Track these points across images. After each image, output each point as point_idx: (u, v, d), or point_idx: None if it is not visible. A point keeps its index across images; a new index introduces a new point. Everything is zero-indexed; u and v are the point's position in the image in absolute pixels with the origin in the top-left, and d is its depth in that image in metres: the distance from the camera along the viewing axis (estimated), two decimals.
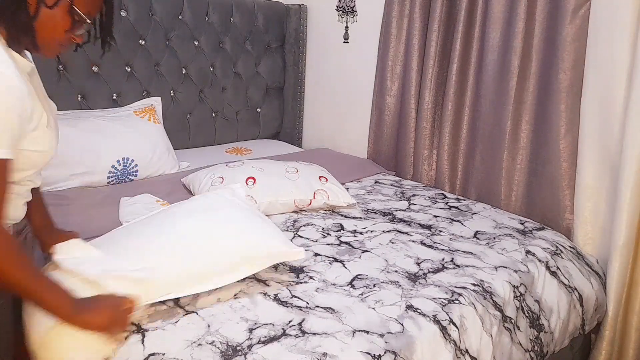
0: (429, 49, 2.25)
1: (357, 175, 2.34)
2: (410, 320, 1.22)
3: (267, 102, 2.93)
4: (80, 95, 2.20)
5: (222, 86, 2.69)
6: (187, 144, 2.60)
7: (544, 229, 1.84)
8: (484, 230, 1.78)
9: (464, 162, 2.25)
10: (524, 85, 1.99)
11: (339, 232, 1.69)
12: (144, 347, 1.06)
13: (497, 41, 2.03)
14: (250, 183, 1.80)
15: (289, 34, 2.89)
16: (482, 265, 1.52)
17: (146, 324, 1.13)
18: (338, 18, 2.69)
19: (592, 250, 1.84)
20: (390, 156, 2.55)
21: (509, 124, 2.02)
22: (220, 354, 1.05)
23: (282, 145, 2.87)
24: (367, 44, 2.57)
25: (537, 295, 1.52)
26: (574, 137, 1.85)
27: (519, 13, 1.93)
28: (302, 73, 2.95)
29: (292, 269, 1.42)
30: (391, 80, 2.45)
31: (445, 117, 2.24)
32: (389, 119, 2.50)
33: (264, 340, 1.10)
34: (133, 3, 2.25)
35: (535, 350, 1.47)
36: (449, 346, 1.21)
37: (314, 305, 1.25)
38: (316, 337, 1.12)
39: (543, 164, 1.96)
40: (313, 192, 1.85)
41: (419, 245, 1.63)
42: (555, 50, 1.85)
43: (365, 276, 1.41)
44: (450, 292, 1.35)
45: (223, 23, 2.61)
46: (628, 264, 1.71)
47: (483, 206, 2.03)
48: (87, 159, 1.92)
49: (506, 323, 1.39)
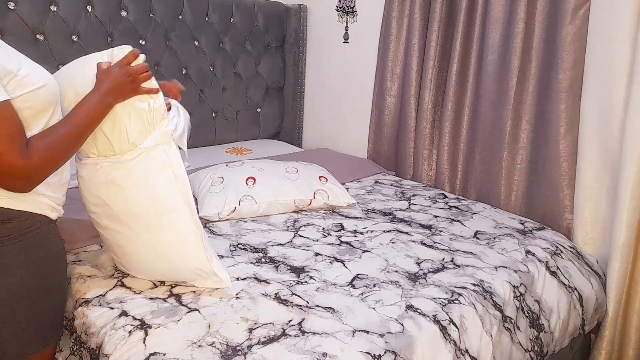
0: (429, 49, 2.25)
1: (357, 175, 2.34)
2: (410, 320, 1.22)
3: (267, 102, 2.93)
4: None
5: (222, 86, 2.70)
6: (187, 143, 2.60)
7: (544, 229, 1.84)
8: (484, 230, 1.78)
9: (464, 162, 2.25)
10: (524, 85, 1.99)
11: (340, 232, 1.70)
12: (145, 347, 1.07)
13: (497, 41, 2.03)
14: (250, 183, 1.80)
15: (289, 34, 2.89)
16: (482, 265, 1.52)
17: (150, 320, 1.14)
18: (338, 18, 2.69)
19: (592, 250, 1.84)
20: (390, 156, 2.55)
21: (509, 124, 2.02)
22: (220, 354, 1.05)
23: (282, 145, 2.88)
24: (367, 44, 2.57)
25: (537, 295, 1.52)
26: (574, 137, 1.85)
27: (519, 13, 1.93)
28: (302, 73, 2.95)
29: (292, 269, 1.42)
30: (391, 80, 2.45)
31: (445, 117, 2.24)
32: (389, 119, 2.50)
33: (264, 340, 1.10)
34: (133, 3, 2.26)
35: (535, 350, 1.47)
36: (449, 346, 1.21)
37: (314, 305, 1.25)
38: (316, 337, 1.12)
39: (543, 164, 1.96)
40: (313, 192, 1.85)
41: (419, 245, 1.63)
42: (555, 50, 1.85)
43: (366, 276, 1.41)
44: (450, 292, 1.35)
45: (223, 23, 2.61)
46: (628, 264, 1.71)
47: (483, 206, 2.03)
48: None
49: (506, 323, 1.39)
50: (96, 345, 1.13)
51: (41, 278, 1.09)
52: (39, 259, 1.08)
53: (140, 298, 1.24)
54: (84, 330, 1.19)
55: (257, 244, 1.57)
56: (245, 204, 1.74)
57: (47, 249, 1.10)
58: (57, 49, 2.04)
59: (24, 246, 1.05)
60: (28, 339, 1.10)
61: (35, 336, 1.11)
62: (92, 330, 1.16)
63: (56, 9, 2.04)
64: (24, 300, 1.06)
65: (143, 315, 1.16)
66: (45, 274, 1.10)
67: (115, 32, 2.22)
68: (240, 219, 1.75)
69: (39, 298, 1.09)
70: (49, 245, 1.11)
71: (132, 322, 1.14)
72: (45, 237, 1.10)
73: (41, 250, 1.08)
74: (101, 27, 2.17)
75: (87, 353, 1.16)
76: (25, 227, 1.05)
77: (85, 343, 1.18)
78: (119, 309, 1.19)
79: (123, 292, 1.26)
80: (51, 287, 1.13)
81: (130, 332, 1.11)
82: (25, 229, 1.05)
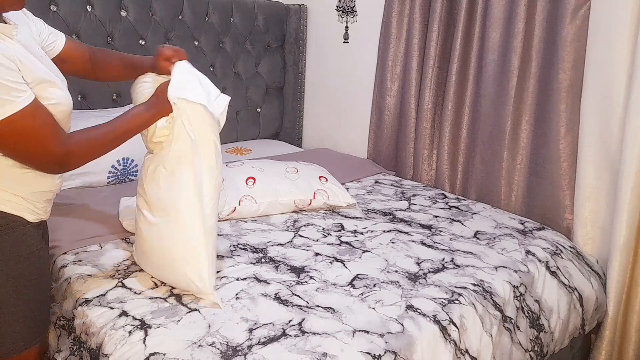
0: (429, 49, 2.25)
1: (357, 175, 2.34)
2: (410, 320, 1.22)
3: (267, 102, 2.93)
4: (80, 95, 2.20)
5: (222, 86, 2.69)
6: None
7: (544, 229, 1.84)
8: (484, 230, 1.78)
9: (464, 162, 2.25)
10: (524, 85, 1.99)
11: (340, 232, 1.70)
12: (145, 347, 1.07)
13: (497, 41, 2.03)
14: (250, 183, 1.80)
15: (289, 34, 2.89)
16: (482, 265, 1.52)
17: (150, 320, 1.14)
18: (338, 18, 2.69)
19: (592, 250, 1.84)
20: (390, 156, 2.55)
21: (509, 124, 2.02)
22: (220, 354, 1.05)
23: (282, 145, 2.88)
24: (367, 44, 2.57)
25: (537, 295, 1.52)
26: (574, 137, 1.85)
27: (519, 13, 1.93)
28: (302, 73, 2.95)
29: (292, 269, 1.42)
30: (391, 80, 2.45)
31: (445, 117, 2.24)
32: (389, 119, 2.50)
33: (264, 340, 1.10)
34: (133, 3, 2.26)
35: (535, 350, 1.47)
36: (449, 346, 1.21)
37: (314, 305, 1.25)
38: (316, 337, 1.12)
39: (543, 164, 1.96)
40: (313, 192, 1.85)
41: (419, 245, 1.63)
42: (555, 50, 1.85)
43: (366, 276, 1.41)
44: (450, 292, 1.35)
45: (223, 23, 2.61)
46: (628, 264, 1.71)
47: (483, 206, 2.03)
48: None
49: (506, 323, 1.39)
50: (96, 345, 1.13)
51: (10, 279, 1.08)
52: (9, 260, 1.07)
53: (141, 298, 1.24)
54: (84, 330, 1.19)
55: (257, 244, 1.57)
56: (245, 204, 1.74)
57: (19, 250, 1.09)
58: None
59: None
60: (4, 341, 1.09)
61: (13, 338, 1.10)
62: (92, 330, 1.16)
63: (56, 9, 2.04)
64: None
65: (143, 315, 1.16)
66: (17, 275, 1.09)
67: (115, 32, 2.22)
68: (240, 219, 1.75)
69: (10, 299, 1.08)
70: (22, 246, 1.10)
71: (132, 322, 1.14)
72: (18, 238, 1.09)
73: (12, 251, 1.08)
74: (101, 27, 2.17)
75: (87, 353, 1.16)
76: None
77: (85, 343, 1.18)
78: (119, 309, 1.19)
79: (123, 292, 1.26)
80: (26, 288, 1.11)
81: (130, 332, 1.11)
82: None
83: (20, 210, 1.09)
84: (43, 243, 1.18)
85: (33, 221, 1.12)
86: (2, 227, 1.06)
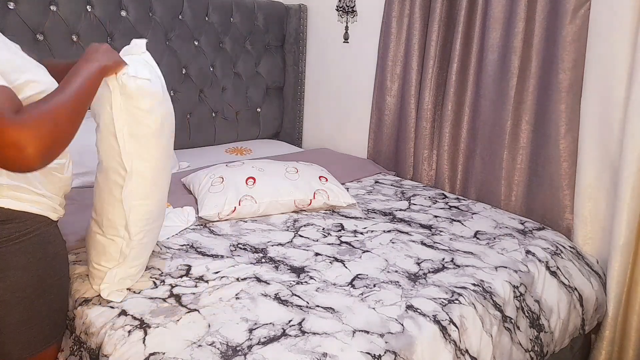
0: (429, 49, 2.25)
1: (357, 175, 2.34)
2: (410, 320, 1.22)
3: (267, 102, 2.93)
4: None
5: (222, 86, 2.69)
6: (187, 143, 2.60)
7: (544, 229, 1.84)
8: (484, 230, 1.78)
9: (464, 162, 2.25)
10: (524, 85, 1.99)
11: (340, 232, 1.70)
12: (145, 347, 1.07)
13: (497, 41, 2.03)
14: (250, 183, 1.80)
15: (289, 34, 2.89)
16: (482, 265, 1.52)
17: (149, 320, 1.14)
18: (338, 18, 2.69)
19: (592, 250, 1.84)
20: (390, 156, 2.55)
21: (509, 124, 2.02)
22: (220, 354, 1.05)
23: (282, 145, 2.88)
24: (367, 44, 2.57)
25: (537, 295, 1.52)
26: (574, 137, 1.85)
27: (519, 13, 1.93)
28: (302, 73, 2.95)
29: (292, 269, 1.42)
30: (391, 80, 2.45)
31: (445, 117, 2.24)
32: (389, 119, 2.50)
33: (264, 340, 1.10)
34: (133, 3, 2.26)
35: (535, 350, 1.47)
36: (449, 346, 1.21)
37: (314, 305, 1.25)
38: (316, 337, 1.12)
39: (543, 164, 1.96)
40: (313, 192, 1.85)
41: (419, 245, 1.63)
42: (555, 50, 1.85)
43: (366, 276, 1.41)
44: (450, 292, 1.35)
45: (223, 23, 2.61)
46: (628, 264, 1.71)
47: (483, 206, 2.03)
48: (87, 159, 1.90)
49: (506, 323, 1.39)
50: (96, 345, 1.13)
51: (40, 279, 1.09)
52: (39, 261, 1.07)
53: (140, 298, 1.24)
54: (84, 330, 1.19)
55: (257, 244, 1.57)
56: (245, 204, 1.74)
57: (47, 250, 1.10)
58: (57, 49, 2.04)
59: (24, 247, 1.05)
60: (28, 340, 1.10)
61: (35, 337, 1.11)
62: (91, 330, 1.16)
63: (56, 9, 2.04)
64: (23, 301, 1.06)
65: (142, 315, 1.16)
66: (45, 276, 1.10)
67: (115, 32, 2.22)
68: (240, 219, 1.75)
69: (38, 299, 1.09)
70: (49, 246, 1.11)
71: (132, 321, 1.14)
72: (45, 238, 1.09)
73: (41, 251, 1.08)
74: (101, 27, 2.17)
75: (87, 353, 1.16)
76: (25, 228, 1.05)
77: (85, 343, 1.18)
78: (119, 309, 1.19)
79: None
80: (52, 288, 1.12)
81: (130, 332, 1.11)
82: (25, 230, 1.05)
83: (45, 210, 1.09)
84: (64, 243, 1.18)
85: (55, 219, 1.13)
86: (31, 228, 1.06)
